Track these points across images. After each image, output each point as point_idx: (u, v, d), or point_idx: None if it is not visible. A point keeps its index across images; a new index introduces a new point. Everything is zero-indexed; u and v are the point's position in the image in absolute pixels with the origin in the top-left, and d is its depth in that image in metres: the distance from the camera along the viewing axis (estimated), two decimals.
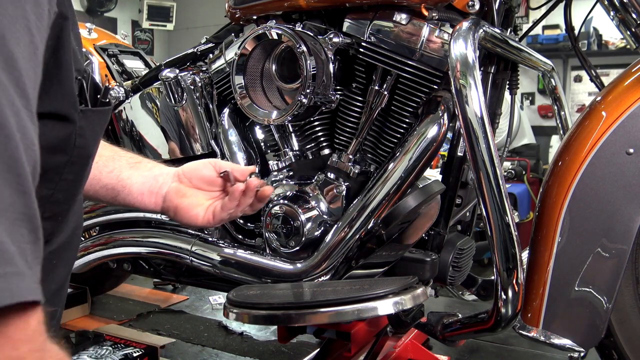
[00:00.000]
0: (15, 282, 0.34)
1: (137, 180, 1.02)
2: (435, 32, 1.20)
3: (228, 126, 1.45)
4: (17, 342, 0.36)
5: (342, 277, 1.28)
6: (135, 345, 1.80)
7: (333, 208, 1.30)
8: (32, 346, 0.37)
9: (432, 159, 1.21)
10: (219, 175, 1.04)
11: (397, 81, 1.25)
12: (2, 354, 0.35)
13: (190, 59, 1.59)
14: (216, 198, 1.05)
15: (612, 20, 1.36)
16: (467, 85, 1.05)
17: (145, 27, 6.32)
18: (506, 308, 1.07)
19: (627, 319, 1.20)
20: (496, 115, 1.43)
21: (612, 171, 1.06)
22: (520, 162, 4.37)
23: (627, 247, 1.06)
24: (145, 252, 1.54)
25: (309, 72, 1.20)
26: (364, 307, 1.04)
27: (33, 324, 0.37)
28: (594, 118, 1.09)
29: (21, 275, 0.34)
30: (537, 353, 1.83)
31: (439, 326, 1.25)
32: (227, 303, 1.14)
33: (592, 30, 5.15)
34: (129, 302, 2.41)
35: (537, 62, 1.54)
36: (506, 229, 1.04)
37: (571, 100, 5.47)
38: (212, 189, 1.06)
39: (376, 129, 1.31)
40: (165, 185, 1.03)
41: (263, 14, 1.38)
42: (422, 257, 1.28)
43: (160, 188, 1.03)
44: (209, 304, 2.35)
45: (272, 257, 1.32)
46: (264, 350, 1.91)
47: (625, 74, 1.14)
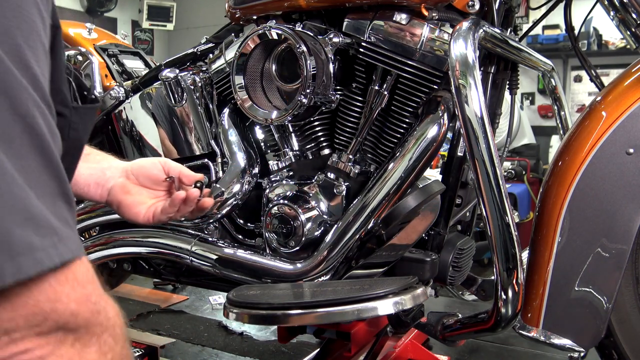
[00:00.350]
0: (67, 243, 0.45)
1: (84, 172, 1.05)
2: (435, 32, 1.20)
3: (228, 126, 1.45)
4: (84, 283, 0.47)
5: (342, 277, 1.28)
6: (135, 345, 1.80)
7: (333, 208, 1.30)
8: (94, 285, 0.48)
9: (432, 159, 1.21)
10: (165, 179, 1.07)
11: (397, 81, 1.25)
12: (75, 292, 0.46)
13: (190, 59, 1.59)
14: (160, 198, 1.08)
15: (612, 20, 1.36)
16: (467, 85, 1.05)
17: (145, 27, 6.32)
18: (506, 308, 1.07)
19: (627, 319, 1.21)
20: (496, 115, 1.43)
21: (612, 171, 1.06)
22: (520, 162, 4.37)
23: (627, 247, 1.06)
24: (145, 252, 1.54)
25: (309, 72, 1.20)
26: (364, 307, 1.04)
27: (90, 270, 0.48)
28: (594, 118, 1.09)
29: (70, 238, 0.45)
30: (537, 353, 1.83)
31: (439, 326, 1.25)
32: (227, 303, 1.14)
33: (592, 30, 5.15)
34: (129, 302, 2.41)
35: (537, 62, 1.54)
36: (506, 229, 1.04)
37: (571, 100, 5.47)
38: (157, 189, 1.09)
39: (376, 129, 1.31)
40: (112, 180, 1.06)
41: (263, 14, 1.38)
42: (422, 257, 1.28)
43: (107, 181, 1.06)
44: (209, 304, 2.35)
45: (272, 257, 1.32)
46: (264, 350, 1.91)
47: (625, 74, 1.14)
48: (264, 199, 1.39)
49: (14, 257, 0.41)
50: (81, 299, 0.47)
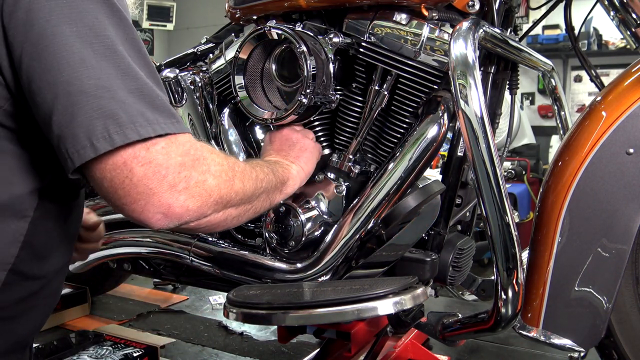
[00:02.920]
0: (180, 124, 0.78)
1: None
2: (435, 32, 1.20)
3: (228, 126, 1.45)
4: (190, 143, 0.79)
5: (342, 277, 1.28)
6: (135, 345, 1.80)
7: (333, 208, 1.30)
8: (195, 143, 0.81)
9: (432, 159, 1.21)
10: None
11: (397, 81, 1.25)
12: (182, 147, 0.78)
13: (190, 59, 1.59)
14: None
15: (612, 20, 1.36)
16: (467, 85, 1.05)
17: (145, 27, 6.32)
18: (506, 308, 1.07)
19: (627, 319, 1.20)
20: (496, 115, 1.43)
21: (612, 171, 1.06)
22: (520, 162, 4.37)
23: (627, 247, 1.06)
24: (145, 252, 1.54)
25: (309, 72, 1.20)
26: (364, 307, 1.04)
27: (192, 137, 0.81)
28: (594, 118, 1.09)
29: (181, 122, 0.79)
30: (537, 353, 1.83)
31: (439, 326, 1.25)
32: (227, 303, 1.14)
33: (592, 30, 5.15)
34: (129, 302, 2.41)
35: (537, 62, 1.54)
36: (506, 229, 1.04)
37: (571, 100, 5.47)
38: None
39: (376, 129, 1.31)
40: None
41: (263, 14, 1.38)
42: (422, 257, 1.28)
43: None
44: (209, 304, 2.35)
45: (272, 257, 1.32)
46: (264, 350, 1.91)
47: (625, 74, 1.13)
48: None
49: (158, 123, 0.74)
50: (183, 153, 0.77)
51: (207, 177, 0.80)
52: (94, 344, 1.80)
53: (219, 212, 0.84)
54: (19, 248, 0.80)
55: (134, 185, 0.73)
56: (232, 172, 0.86)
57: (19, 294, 0.83)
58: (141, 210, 0.75)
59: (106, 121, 0.70)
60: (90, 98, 0.70)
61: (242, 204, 0.90)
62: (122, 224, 1.60)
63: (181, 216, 0.78)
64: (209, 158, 0.81)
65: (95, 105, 0.70)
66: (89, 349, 1.76)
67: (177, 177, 0.76)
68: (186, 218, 0.79)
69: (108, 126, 0.70)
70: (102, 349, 1.77)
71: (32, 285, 0.84)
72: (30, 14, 0.70)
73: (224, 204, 0.84)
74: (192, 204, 0.78)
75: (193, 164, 0.78)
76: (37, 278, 0.85)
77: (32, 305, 0.86)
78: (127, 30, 0.77)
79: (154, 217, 0.76)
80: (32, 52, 0.70)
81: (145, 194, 0.74)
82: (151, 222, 0.77)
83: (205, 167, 0.80)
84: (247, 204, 0.93)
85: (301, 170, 1.17)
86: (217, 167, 0.82)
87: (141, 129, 0.72)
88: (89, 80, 0.70)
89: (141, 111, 0.73)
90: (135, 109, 0.72)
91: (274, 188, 1.04)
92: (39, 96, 0.71)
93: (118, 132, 0.71)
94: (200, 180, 0.78)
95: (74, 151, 0.71)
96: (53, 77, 0.70)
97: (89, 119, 0.70)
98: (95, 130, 0.70)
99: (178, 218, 0.78)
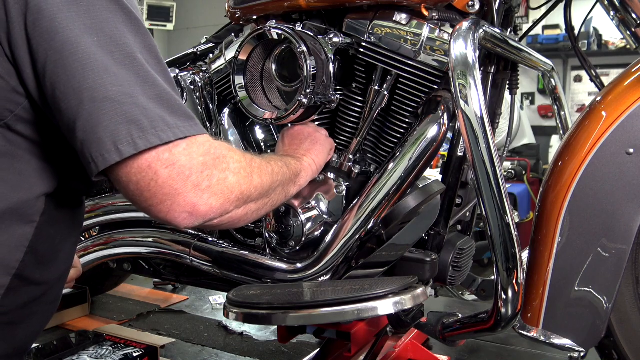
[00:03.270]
0: (198, 126, 0.81)
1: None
2: (435, 32, 1.20)
3: (228, 126, 1.45)
4: (209, 142, 0.82)
5: (342, 277, 1.28)
6: (135, 345, 1.80)
7: (333, 208, 1.30)
8: (214, 143, 0.84)
9: (432, 159, 1.21)
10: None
11: (397, 81, 1.25)
12: (202, 147, 0.80)
13: (190, 59, 1.59)
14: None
15: (612, 20, 1.36)
16: (467, 85, 1.05)
17: None
18: (506, 308, 1.07)
19: (627, 319, 1.20)
20: (496, 115, 1.43)
21: (612, 171, 1.06)
22: (520, 162, 4.37)
23: (627, 247, 1.06)
24: (145, 252, 1.54)
25: (309, 72, 1.20)
26: (364, 307, 1.04)
27: (210, 137, 0.84)
28: (594, 118, 1.09)
29: (198, 125, 0.82)
30: (537, 353, 1.83)
31: (439, 326, 1.25)
32: (227, 303, 1.14)
33: (592, 30, 5.15)
34: (129, 302, 2.41)
35: (537, 62, 1.53)
36: (506, 229, 1.04)
37: (571, 100, 5.47)
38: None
39: (376, 129, 1.31)
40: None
41: (263, 14, 1.38)
42: (422, 257, 1.28)
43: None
44: (209, 304, 2.35)
45: (272, 257, 1.32)
46: (264, 350, 1.91)
47: (625, 74, 1.13)
48: None
49: (176, 127, 0.77)
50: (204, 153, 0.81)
51: (228, 175, 0.83)
52: (94, 344, 1.80)
53: (240, 207, 0.87)
54: (24, 253, 0.81)
55: (160, 187, 0.77)
56: (250, 168, 0.90)
57: (21, 299, 0.83)
58: (167, 211, 0.78)
59: (130, 126, 0.74)
60: (115, 104, 0.73)
61: (261, 198, 0.94)
62: (122, 224, 1.60)
63: (206, 214, 0.81)
64: (228, 156, 0.85)
65: (120, 111, 0.73)
66: (89, 349, 1.76)
67: (200, 176, 0.79)
68: (210, 215, 0.82)
69: (132, 131, 0.74)
70: (102, 349, 1.77)
71: (34, 290, 0.85)
72: (54, 22, 0.73)
73: (244, 200, 0.87)
74: (215, 202, 0.81)
75: (214, 162, 0.81)
76: (39, 284, 0.86)
77: (33, 311, 0.87)
78: (144, 38, 0.80)
79: (180, 217, 0.79)
80: (57, 60, 0.73)
81: (171, 195, 0.77)
82: (177, 221, 0.80)
83: (225, 165, 0.83)
84: (265, 198, 0.96)
85: (313, 162, 1.19)
86: (236, 165, 0.86)
87: (162, 133, 0.76)
88: (113, 87, 0.73)
89: (161, 116, 0.76)
90: (156, 114, 0.76)
91: (288, 180, 1.07)
92: (64, 102, 0.74)
93: (141, 137, 0.74)
94: (221, 178, 0.82)
95: (99, 155, 0.74)
96: (78, 83, 0.73)
97: (114, 124, 0.73)
98: (119, 135, 0.73)
99: (203, 216, 0.81)
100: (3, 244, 0.79)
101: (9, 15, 0.73)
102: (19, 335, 0.86)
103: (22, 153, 0.80)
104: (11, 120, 0.78)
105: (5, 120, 0.77)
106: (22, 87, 0.77)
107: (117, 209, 1.59)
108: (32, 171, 0.81)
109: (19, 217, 0.80)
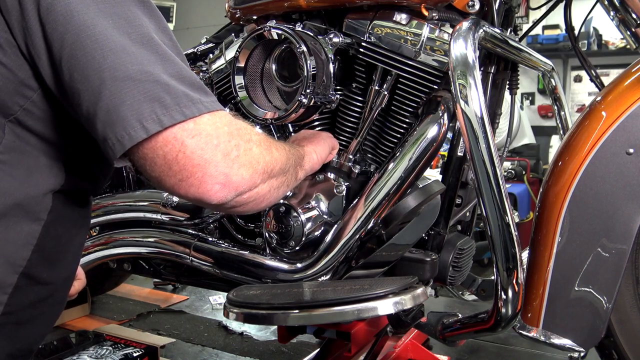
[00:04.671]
0: (217, 103, 0.80)
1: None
2: (435, 32, 1.20)
3: None
4: (229, 116, 0.82)
5: (342, 277, 1.28)
6: (135, 345, 1.80)
7: (333, 208, 1.30)
8: (233, 117, 0.83)
9: (432, 159, 1.21)
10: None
11: (397, 81, 1.25)
12: (225, 118, 0.80)
13: (190, 59, 1.59)
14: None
15: (612, 20, 1.36)
16: (467, 85, 1.05)
17: None
18: (506, 308, 1.07)
19: (627, 319, 1.20)
20: (496, 115, 1.43)
21: (612, 171, 1.06)
22: (520, 162, 4.37)
23: (627, 247, 1.06)
24: (145, 252, 1.54)
25: (309, 72, 1.20)
26: (364, 307, 1.04)
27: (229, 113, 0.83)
28: (594, 118, 1.09)
29: (216, 102, 0.80)
30: (537, 353, 1.83)
31: (439, 326, 1.25)
32: (227, 303, 1.14)
33: (592, 30, 5.15)
34: (129, 302, 2.41)
35: (537, 62, 1.53)
36: (506, 229, 1.04)
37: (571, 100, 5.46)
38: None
39: (376, 129, 1.31)
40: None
41: (263, 14, 1.38)
42: (422, 257, 1.28)
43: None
44: (209, 304, 2.36)
45: (272, 257, 1.32)
46: (264, 350, 1.91)
47: (625, 74, 1.13)
48: None
49: (198, 103, 0.76)
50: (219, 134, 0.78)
51: (252, 146, 0.82)
52: (94, 344, 1.80)
53: (265, 182, 0.86)
54: (31, 251, 0.81)
55: (188, 157, 0.75)
56: (268, 142, 0.89)
57: (28, 299, 0.83)
58: (199, 184, 0.76)
59: (153, 104, 0.73)
60: (136, 82, 0.73)
61: (280, 175, 0.93)
62: (122, 224, 1.60)
63: (238, 186, 0.79)
64: (248, 127, 0.84)
65: (142, 89, 0.73)
66: (89, 349, 1.76)
67: (228, 145, 0.78)
68: (242, 188, 0.80)
69: (155, 109, 0.73)
70: (102, 349, 1.77)
71: (41, 290, 0.85)
72: (69, 7, 0.73)
73: (268, 173, 0.86)
74: (245, 173, 0.80)
75: (238, 132, 0.80)
76: (46, 284, 0.86)
77: (39, 312, 0.87)
78: (158, 20, 0.81)
79: (212, 189, 0.77)
80: (74, 42, 0.73)
81: (201, 165, 0.75)
82: (209, 194, 0.77)
83: (248, 136, 0.82)
84: (283, 176, 0.95)
85: (314, 152, 1.19)
86: (257, 136, 0.85)
87: (186, 109, 0.75)
88: (133, 66, 0.73)
89: (185, 92, 0.76)
90: (179, 91, 0.76)
91: (298, 161, 1.07)
92: (83, 84, 0.73)
93: (165, 114, 0.74)
94: (247, 148, 0.81)
95: (125, 134, 0.73)
96: (98, 63, 0.73)
97: (137, 102, 0.73)
98: (143, 113, 0.73)
99: (235, 188, 0.79)
100: (10, 241, 0.79)
101: (22, 3, 0.73)
102: (24, 337, 0.86)
103: (31, 149, 0.80)
104: (21, 114, 0.78)
105: (15, 115, 0.77)
106: (34, 79, 0.77)
107: (117, 209, 1.59)
108: (40, 167, 0.80)
109: (26, 213, 0.80)
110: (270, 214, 1.31)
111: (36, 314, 0.86)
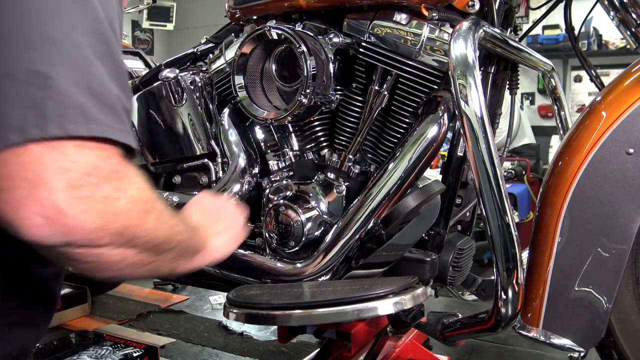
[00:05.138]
0: (125, 133, 0.63)
1: None
2: (435, 32, 1.20)
3: (228, 126, 1.45)
4: (118, 157, 0.62)
5: (342, 277, 1.28)
6: (135, 345, 1.80)
7: (333, 208, 1.30)
8: (121, 161, 0.63)
9: (432, 159, 1.21)
10: None
11: (397, 81, 1.25)
12: (108, 161, 0.60)
13: (190, 59, 1.59)
14: None
15: (612, 20, 1.36)
16: (467, 85, 1.05)
17: (145, 27, 6.32)
18: (506, 308, 1.07)
19: (627, 319, 1.21)
20: (496, 115, 1.43)
21: (612, 171, 1.06)
22: (520, 162, 4.37)
23: (627, 247, 1.06)
24: None
25: (309, 72, 1.20)
26: (364, 307, 1.04)
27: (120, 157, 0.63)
28: (594, 118, 1.09)
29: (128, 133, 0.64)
30: (537, 353, 1.83)
31: (439, 326, 1.25)
32: (227, 303, 1.14)
33: (592, 30, 5.15)
34: (129, 302, 2.41)
35: (537, 62, 1.53)
36: (506, 229, 1.04)
37: (571, 100, 5.47)
38: None
39: (376, 129, 1.31)
40: None
41: (263, 14, 1.38)
42: (422, 257, 1.28)
43: None
44: (209, 304, 2.36)
45: (272, 257, 1.32)
46: (264, 350, 1.91)
47: (625, 74, 1.13)
48: (264, 198, 1.39)
49: (91, 122, 0.59)
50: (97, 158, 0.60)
51: (121, 198, 0.61)
52: (94, 344, 1.80)
53: (116, 247, 0.64)
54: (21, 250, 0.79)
55: (20, 166, 0.54)
56: (150, 207, 0.67)
57: (20, 298, 0.82)
58: (18, 205, 0.55)
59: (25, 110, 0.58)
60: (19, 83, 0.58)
61: (145, 251, 0.69)
62: None
63: (69, 232, 0.57)
64: (132, 178, 0.64)
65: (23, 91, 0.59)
66: (89, 349, 1.76)
67: (85, 179, 0.57)
68: (75, 237, 0.58)
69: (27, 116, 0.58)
70: (102, 349, 1.77)
71: (32, 289, 0.84)
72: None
73: (126, 239, 0.64)
74: (89, 221, 0.58)
75: (116, 176, 0.61)
76: (37, 282, 0.85)
77: (33, 311, 0.86)
78: (90, 20, 0.64)
79: (31, 220, 0.55)
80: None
81: (31, 181, 0.54)
82: (24, 224, 0.56)
83: (123, 186, 0.62)
84: (150, 254, 0.71)
85: (218, 249, 0.97)
86: (136, 192, 0.64)
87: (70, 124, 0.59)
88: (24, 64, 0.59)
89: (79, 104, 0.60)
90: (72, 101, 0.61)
91: (185, 252, 0.82)
92: None
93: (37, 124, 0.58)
94: (110, 196, 0.60)
95: None
96: None
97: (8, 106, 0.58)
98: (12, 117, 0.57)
99: (64, 233, 0.57)
100: None
101: None
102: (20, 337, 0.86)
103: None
104: None
105: None
106: None
107: None
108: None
109: None
110: (271, 214, 1.31)
111: (29, 314, 0.85)
